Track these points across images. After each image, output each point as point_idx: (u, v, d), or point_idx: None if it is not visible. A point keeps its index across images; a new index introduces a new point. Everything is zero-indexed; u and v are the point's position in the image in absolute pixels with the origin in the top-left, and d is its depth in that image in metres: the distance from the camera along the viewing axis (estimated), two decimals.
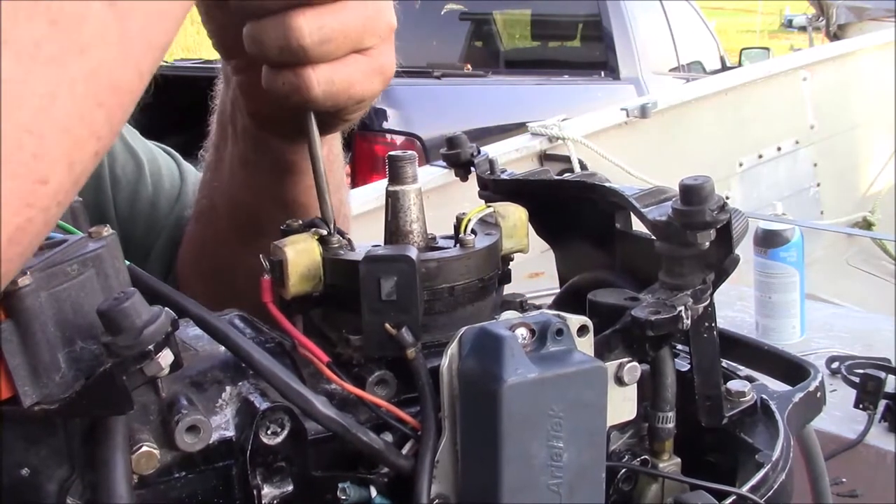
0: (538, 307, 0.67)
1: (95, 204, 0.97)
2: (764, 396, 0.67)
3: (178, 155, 1.07)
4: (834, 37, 6.29)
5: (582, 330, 0.56)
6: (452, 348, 0.55)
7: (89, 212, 0.95)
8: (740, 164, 4.25)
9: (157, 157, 1.04)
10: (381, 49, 0.71)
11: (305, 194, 0.84)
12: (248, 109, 0.81)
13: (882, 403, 1.83)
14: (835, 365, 1.99)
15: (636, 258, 0.68)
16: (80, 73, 0.45)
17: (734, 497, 0.58)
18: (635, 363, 0.60)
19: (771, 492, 0.59)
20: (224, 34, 0.77)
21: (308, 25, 0.65)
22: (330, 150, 0.85)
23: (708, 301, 0.61)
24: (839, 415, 1.84)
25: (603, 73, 5.84)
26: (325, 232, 0.63)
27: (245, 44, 0.68)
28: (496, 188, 0.74)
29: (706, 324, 0.63)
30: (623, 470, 0.64)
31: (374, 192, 2.72)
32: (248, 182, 0.87)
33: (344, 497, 0.58)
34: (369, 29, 0.69)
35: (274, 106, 0.73)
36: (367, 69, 0.70)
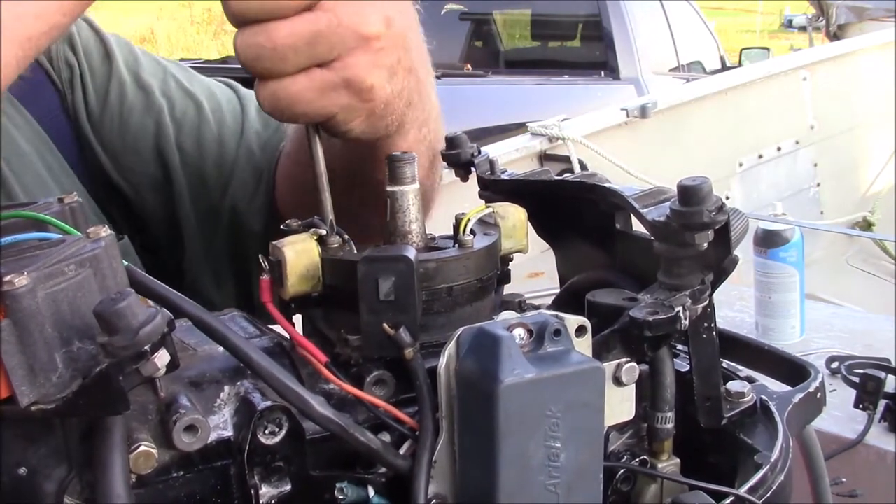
0: (537, 307, 0.67)
1: (157, 148, 1.00)
2: (763, 397, 0.66)
3: (236, 84, 1.09)
4: (834, 37, 6.30)
5: (580, 330, 0.56)
6: (450, 348, 0.55)
7: (152, 156, 1.00)
8: (740, 164, 4.25)
9: (216, 93, 1.06)
10: (348, 62, 0.69)
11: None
12: None
13: (882, 403, 1.83)
14: (835, 365, 1.98)
15: (636, 258, 0.68)
16: None
17: (732, 498, 0.58)
18: (633, 364, 0.60)
19: (770, 493, 0.59)
20: None
21: (242, 43, 0.67)
22: (404, 140, 0.83)
23: (707, 301, 0.61)
24: (839, 415, 1.84)
25: (603, 73, 5.84)
26: (324, 232, 0.63)
27: None
28: (496, 188, 0.74)
29: (705, 324, 0.63)
30: (622, 470, 0.64)
31: None
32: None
33: (342, 497, 0.58)
34: (323, 43, 0.68)
35: None
36: (322, 84, 0.69)
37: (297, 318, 0.64)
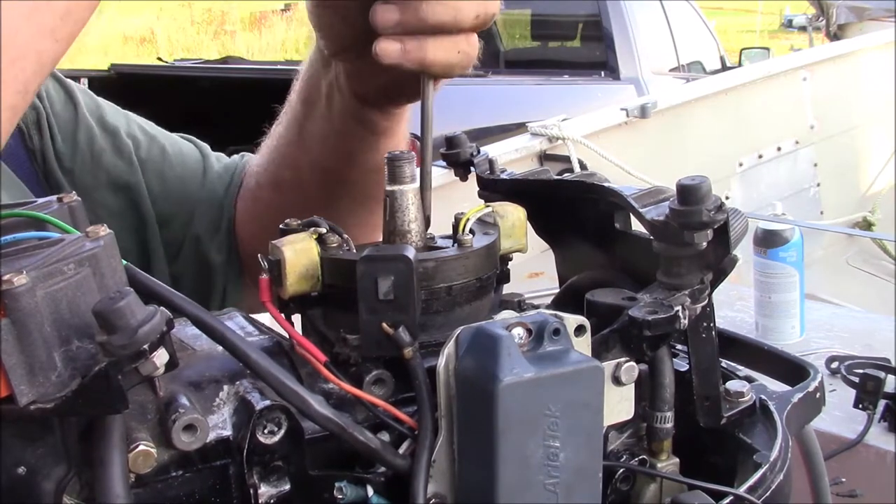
0: (536, 307, 0.67)
1: (126, 185, 1.08)
2: (763, 397, 0.66)
3: (192, 137, 1.19)
4: (834, 37, 6.30)
5: (579, 329, 0.56)
6: (449, 348, 0.55)
7: (126, 192, 1.07)
8: (740, 164, 4.25)
9: (178, 141, 1.16)
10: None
11: None
12: (354, 90, 0.94)
13: (882, 403, 1.83)
14: (834, 365, 1.98)
15: (635, 258, 0.68)
16: None
17: (731, 497, 0.58)
18: (633, 363, 0.60)
19: (769, 492, 0.59)
20: (337, 35, 0.89)
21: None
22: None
23: (706, 301, 0.61)
24: (839, 415, 1.84)
25: (603, 73, 5.84)
26: (323, 231, 0.63)
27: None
28: (496, 188, 0.74)
29: (704, 324, 0.63)
30: (621, 469, 0.64)
31: None
32: (340, 151, 1.00)
33: (341, 496, 0.58)
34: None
35: (378, 86, 0.91)
36: (472, 44, 0.82)
37: (296, 318, 0.64)
